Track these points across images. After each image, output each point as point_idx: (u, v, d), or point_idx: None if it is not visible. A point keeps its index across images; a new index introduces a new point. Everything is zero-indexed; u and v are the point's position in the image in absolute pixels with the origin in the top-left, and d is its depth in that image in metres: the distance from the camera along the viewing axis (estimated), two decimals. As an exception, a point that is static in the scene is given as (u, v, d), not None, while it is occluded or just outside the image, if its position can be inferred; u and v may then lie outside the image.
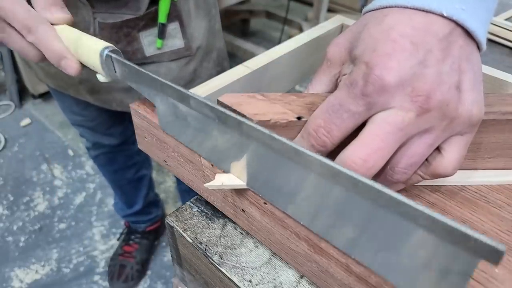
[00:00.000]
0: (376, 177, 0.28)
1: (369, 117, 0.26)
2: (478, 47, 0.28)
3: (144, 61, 0.64)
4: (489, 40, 0.66)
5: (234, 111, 0.28)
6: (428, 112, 0.25)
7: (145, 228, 1.38)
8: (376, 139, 0.25)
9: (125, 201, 1.27)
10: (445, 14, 0.26)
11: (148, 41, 0.62)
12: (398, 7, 0.27)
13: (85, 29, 0.58)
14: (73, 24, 0.58)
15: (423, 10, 0.26)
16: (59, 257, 1.39)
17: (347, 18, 0.54)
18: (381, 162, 0.25)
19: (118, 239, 1.43)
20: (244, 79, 0.43)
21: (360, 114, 0.26)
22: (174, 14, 0.61)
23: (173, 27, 0.62)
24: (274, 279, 0.32)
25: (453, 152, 0.28)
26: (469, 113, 0.26)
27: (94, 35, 0.58)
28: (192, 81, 0.70)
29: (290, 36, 2.22)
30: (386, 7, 0.28)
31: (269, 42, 2.49)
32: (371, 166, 0.25)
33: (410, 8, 0.26)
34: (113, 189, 1.25)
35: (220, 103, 0.29)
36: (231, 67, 0.44)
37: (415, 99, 0.25)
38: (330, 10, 2.32)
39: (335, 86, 0.31)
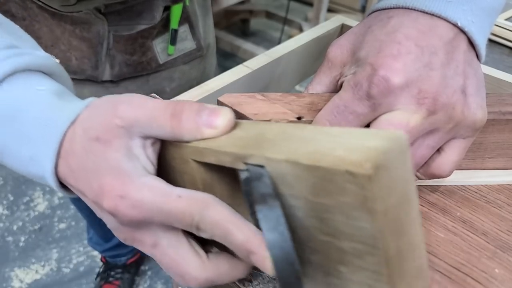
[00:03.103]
0: None
1: (375, 118, 0.26)
2: (478, 58, 0.28)
3: (158, 69, 0.64)
4: (489, 40, 0.66)
5: (235, 111, 0.28)
6: (434, 115, 0.25)
7: (126, 261, 1.25)
8: None
9: (103, 235, 1.13)
10: (459, 24, 0.26)
11: (161, 48, 0.61)
12: (405, 8, 0.27)
13: (99, 44, 0.56)
14: (91, 42, 0.54)
15: (429, 13, 0.26)
16: (59, 257, 1.39)
17: (347, 18, 0.54)
18: None
19: (96, 278, 1.28)
20: (244, 79, 0.43)
21: (366, 115, 0.26)
22: (184, 17, 0.61)
23: (183, 30, 0.62)
24: (274, 279, 0.32)
25: (452, 154, 0.28)
26: (474, 117, 0.26)
27: (108, 48, 0.57)
28: (202, 80, 0.71)
29: (290, 36, 2.22)
30: (393, 8, 0.28)
31: (269, 42, 2.49)
32: None
33: (416, 10, 0.26)
34: (89, 224, 1.10)
35: (220, 103, 0.29)
36: (231, 67, 0.44)
37: (422, 101, 0.25)
38: (330, 10, 2.32)
39: (334, 87, 0.31)
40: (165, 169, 0.26)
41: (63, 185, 0.26)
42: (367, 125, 0.26)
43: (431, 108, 0.25)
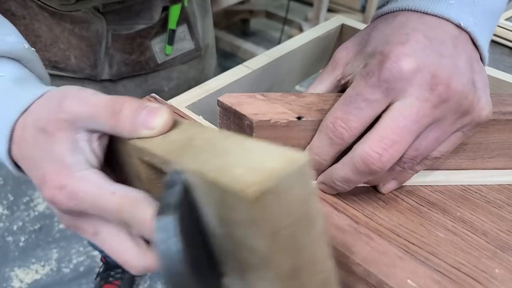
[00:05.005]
0: None
1: (387, 109, 0.26)
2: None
3: (157, 69, 0.64)
4: (490, 41, 0.66)
5: (235, 111, 0.28)
6: (445, 103, 0.25)
7: None
8: (392, 133, 0.24)
9: None
10: (462, 25, 0.26)
11: (159, 48, 0.61)
12: (409, 10, 0.27)
13: (98, 43, 0.56)
14: (90, 41, 0.53)
15: (432, 15, 0.27)
16: (59, 257, 1.39)
17: (347, 18, 0.54)
18: (397, 156, 0.25)
19: (95, 278, 1.28)
20: (244, 79, 0.43)
21: (378, 102, 0.25)
22: (182, 17, 0.61)
23: (181, 30, 0.62)
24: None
25: (446, 145, 0.28)
26: (482, 112, 0.26)
27: (107, 48, 0.57)
28: (201, 80, 0.71)
29: (290, 36, 2.22)
30: (397, 11, 0.28)
31: (269, 42, 2.49)
32: (386, 160, 0.25)
33: (419, 12, 0.27)
34: None
35: (220, 103, 0.29)
36: (231, 67, 0.44)
37: (435, 87, 0.24)
38: (330, 10, 2.32)
39: (335, 87, 0.31)
40: (118, 162, 0.27)
41: (19, 167, 0.27)
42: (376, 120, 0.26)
43: (443, 94, 0.24)
